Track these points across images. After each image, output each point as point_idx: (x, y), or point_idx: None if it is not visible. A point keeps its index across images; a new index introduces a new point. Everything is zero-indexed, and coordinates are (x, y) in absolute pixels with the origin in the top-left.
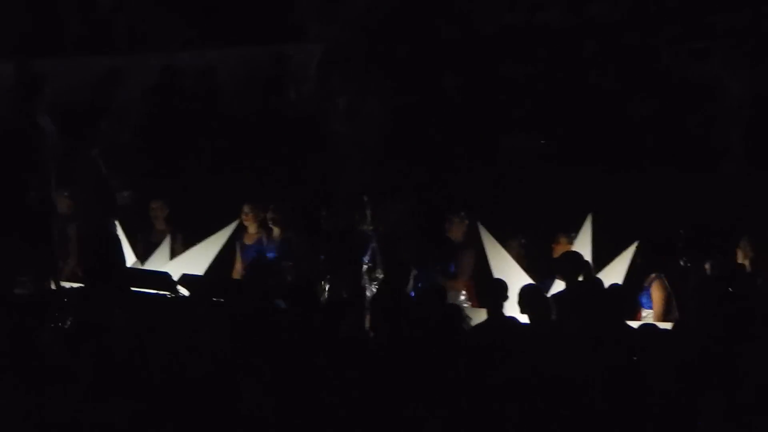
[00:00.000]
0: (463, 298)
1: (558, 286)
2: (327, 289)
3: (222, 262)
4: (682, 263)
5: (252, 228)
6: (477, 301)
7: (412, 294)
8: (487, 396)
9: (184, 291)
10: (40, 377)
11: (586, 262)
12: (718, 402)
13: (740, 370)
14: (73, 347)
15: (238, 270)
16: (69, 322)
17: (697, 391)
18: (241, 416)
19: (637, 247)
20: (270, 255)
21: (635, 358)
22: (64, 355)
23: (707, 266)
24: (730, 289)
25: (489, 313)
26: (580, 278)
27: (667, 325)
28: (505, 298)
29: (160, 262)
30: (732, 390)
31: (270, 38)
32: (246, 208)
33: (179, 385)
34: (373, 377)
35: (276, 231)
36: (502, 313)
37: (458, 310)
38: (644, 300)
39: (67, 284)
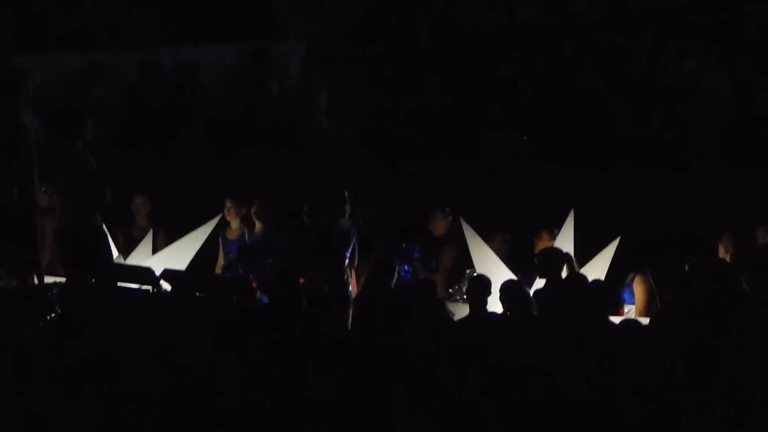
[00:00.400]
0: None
1: (541, 281)
2: (308, 284)
3: (204, 257)
4: (664, 259)
5: (234, 223)
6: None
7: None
8: (469, 392)
9: (166, 286)
10: (20, 372)
11: (568, 256)
12: (700, 397)
13: (722, 364)
14: (56, 341)
15: (220, 265)
16: (52, 316)
17: (679, 386)
18: (221, 413)
19: (619, 243)
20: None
21: (616, 354)
22: (46, 349)
23: (689, 262)
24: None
25: (472, 308)
26: (563, 273)
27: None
28: (489, 293)
29: (142, 257)
30: (714, 385)
31: (250, 35)
32: (228, 203)
33: (160, 381)
34: (357, 372)
35: (258, 226)
36: (485, 309)
37: (441, 305)
38: (626, 296)
39: (50, 279)
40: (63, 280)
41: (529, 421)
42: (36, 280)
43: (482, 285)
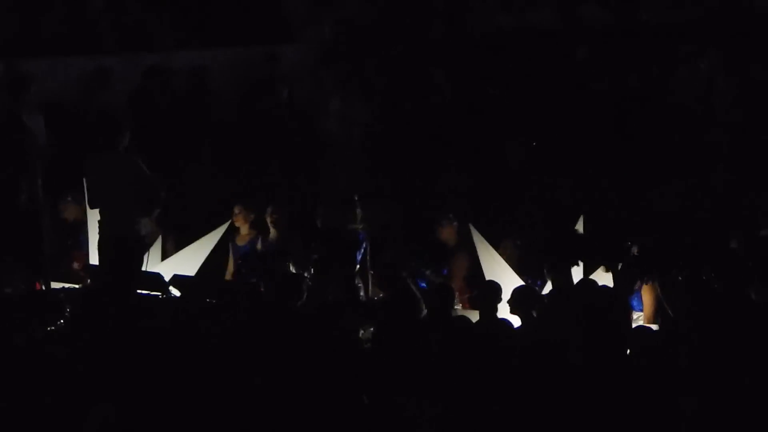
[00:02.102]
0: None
1: (549, 287)
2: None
3: (214, 262)
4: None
5: (244, 229)
6: (469, 303)
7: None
8: (479, 398)
9: (175, 292)
10: (30, 376)
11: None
12: (704, 404)
13: (726, 372)
14: (66, 346)
15: (230, 271)
16: (61, 321)
17: (684, 392)
18: (228, 420)
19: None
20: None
21: (629, 360)
22: (57, 352)
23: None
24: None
25: (482, 314)
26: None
27: (656, 327)
28: (499, 300)
29: (151, 262)
30: (717, 393)
31: (260, 39)
32: (236, 209)
33: (170, 386)
34: (367, 376)
35: (273, 231)
36: (496, 316)
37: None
38: (635, 302)
39: (59, 284)
40: (73, 285)
41: (536, 426)
42: (44, 285)
43: (493, 291)
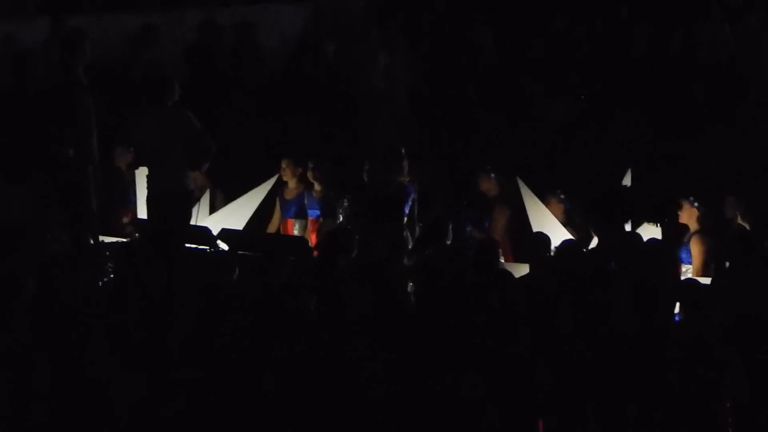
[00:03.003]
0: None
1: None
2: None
3: (262, 216)
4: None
5: (291, 183)
6: (513, 257)
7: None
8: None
9: (223, 246)
10: (75, 334)
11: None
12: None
13: None
14: (110, 303)
15: (275, 224)
16: (106, 278)
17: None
18: (269, 373)
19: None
20: (312, 213)
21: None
22: (101, 308)
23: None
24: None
25: (532, 268)
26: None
27: (707, 281)
28: (549, 251)
29: (200, 216)
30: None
31: None
32: (283, 163)
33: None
34: (415, 332)
35: (317, 186)
36: (545, 269)
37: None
38: (684, 255)
39: (107, 239)
40: (121, 240)
41: (583, 382)
42: (92, 240)
43: (542, 243)
